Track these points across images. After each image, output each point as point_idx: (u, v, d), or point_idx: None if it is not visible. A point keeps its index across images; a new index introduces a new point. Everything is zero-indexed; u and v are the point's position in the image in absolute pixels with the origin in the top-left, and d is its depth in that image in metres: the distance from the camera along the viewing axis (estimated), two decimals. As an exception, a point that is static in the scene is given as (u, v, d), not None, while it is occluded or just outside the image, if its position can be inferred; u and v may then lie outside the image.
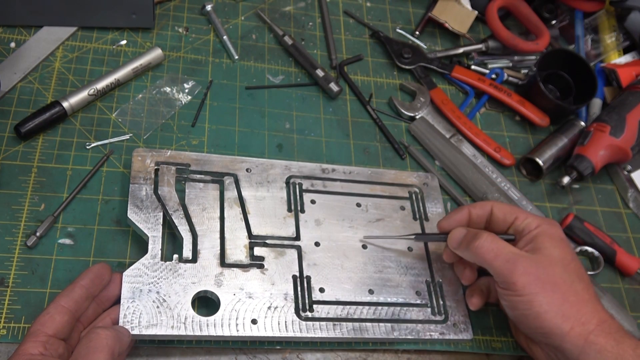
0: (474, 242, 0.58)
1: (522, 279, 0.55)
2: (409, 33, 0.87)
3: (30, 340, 0.48)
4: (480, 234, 0.58)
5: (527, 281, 0.55)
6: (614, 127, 0.75)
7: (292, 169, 0.68)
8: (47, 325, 0.49)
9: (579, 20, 0.89)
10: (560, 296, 0.55)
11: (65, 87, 0.70)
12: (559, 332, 0.54)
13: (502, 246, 0.57)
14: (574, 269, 0.57)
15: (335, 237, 0.64)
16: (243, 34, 0.81)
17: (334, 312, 0.60)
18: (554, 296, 0.55)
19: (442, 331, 0.62)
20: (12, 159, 0.64)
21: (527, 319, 0.56)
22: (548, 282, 0.55)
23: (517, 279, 0.55)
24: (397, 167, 0.75)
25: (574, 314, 0.54)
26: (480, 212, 0.62)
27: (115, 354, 0.49)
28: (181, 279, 0.57)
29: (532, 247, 0.58)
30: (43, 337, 0.49)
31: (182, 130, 0.71)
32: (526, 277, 0.55)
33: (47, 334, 0.49)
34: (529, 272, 0.56)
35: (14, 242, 0.60)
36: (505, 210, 0.61)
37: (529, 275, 0.55)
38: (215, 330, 0.55)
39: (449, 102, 0.80)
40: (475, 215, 0.62)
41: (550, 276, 0.56)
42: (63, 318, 0.50)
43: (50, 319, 0.50)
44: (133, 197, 0.60)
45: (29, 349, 0.48)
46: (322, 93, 0.79)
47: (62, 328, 0.50)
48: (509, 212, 0.61)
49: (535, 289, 0.55)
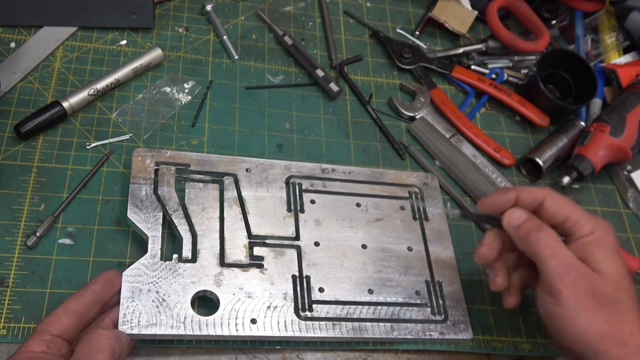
0: (537, 233, 0.54)
1: (569, 290, 0.51)
2: (409, 33, 0.87)
3: (34, 339, 0.48)
4: (545, 227, 0.54)
5: (573, 293, 0.51)
6: (614, 127, 0.75)
7: (292, 169, 0.68)
8: (53, 325, 0.49)
9: (579, 20, 0.89)
10: (604, 316, 0.51)
11: (65, 87, 0.70)
12: (594, 352, 0.51)
13: (563, 248, 0.53)
14: (624, 287, 0.52)
15: (335, 237, 0.64)
16: (243, 34, 0.81)
17: (333, 312, 0.60)
18: (597, 316, 0.51)
19: (441, 331, 0.62)
20: (12, 159, 0.64)
21: (564, 334, 0.53)
22: (594, 300, 0.51)
23: (564, 288, 0.51)
24: (397, 167, 0.75)
25: (614, 334, 0.51)
26: (530, 200, 0.56)
27: (115, 355, 0.49)
28: (181, 279, 0.57)
29: (583, 256, 0.53)
30: (47, 337, 0.49)
31: (182, 130, 0.71)
32: (574, 288, 0.51)
33: (52, 334, 0.49)
34: (578, 284, 0.51)
35: (14, 242, 0.60)
36: (559, 206, 0.55)
37: (577, 287, 0.51)
38: (214, 330, 0.55)
39: (449, 102, 0.80)
40: (523, 202, 0.56)
41: (599, 294, 0.51)
42: (70, 320, 0.50)
43: (57, 319, 0.50)
44: (133, 197, 0.60)
45: (32, 347, 0.48)
46: (322, 93, 0.79)
47: (67, 329, 0.50)
48: (562, 208, 0.55)
49: (580, 305, 0.51)
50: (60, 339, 0.49)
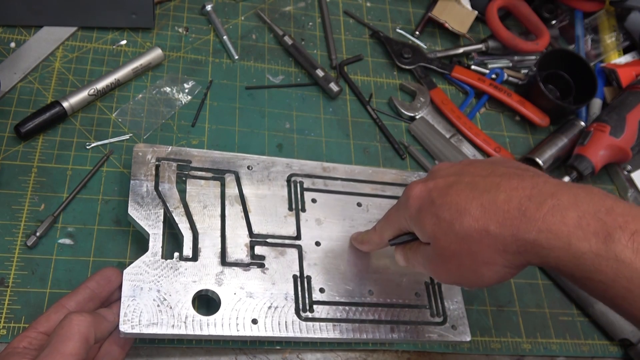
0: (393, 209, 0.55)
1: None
2: (409, 33, 0.87)
3: (20, 335, 0.49)
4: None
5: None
6: (614, 127, 0.75)
7: (294, 166, 0.68)
8: (40, 322, 0.50)
9: (579, 20, 0.89)
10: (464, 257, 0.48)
11: (65, 87, 0.70)
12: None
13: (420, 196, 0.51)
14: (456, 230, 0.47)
15: (336, 237, 0.64)
16: (243, 34, 0.81)
17: (333, 313, 0.60)
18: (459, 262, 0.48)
19: (440, 333, 0.62)
20: (12, 159, 0.64)
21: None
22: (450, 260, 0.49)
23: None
24: (397, 167, 0.75)
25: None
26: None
27: (90, 340, 0.46)
28: (182, 278, 0.56)
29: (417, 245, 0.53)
30: (33, 333, 0.49)
31: (182, 130, 0.71)
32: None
33: (37, 331, 0.49)
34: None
35: (14, 242, 0.60)
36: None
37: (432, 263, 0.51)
38: (215, 329, 0.55)
39: (449, 102, 0.80)
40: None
41: (445, 256, 0.49)
42: (58, 317, 0.50)
43: (45, 317, 0.50)
44: (134, 193, 0.60)
45: (15, 343, 0.48)
46: (322, 93, 0.79)
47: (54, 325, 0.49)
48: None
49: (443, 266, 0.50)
50: (45, 335, 0.49)
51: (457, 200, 0.46)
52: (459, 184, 0.48)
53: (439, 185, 0.49)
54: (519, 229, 0.43)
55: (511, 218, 0.44)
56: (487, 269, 0.46)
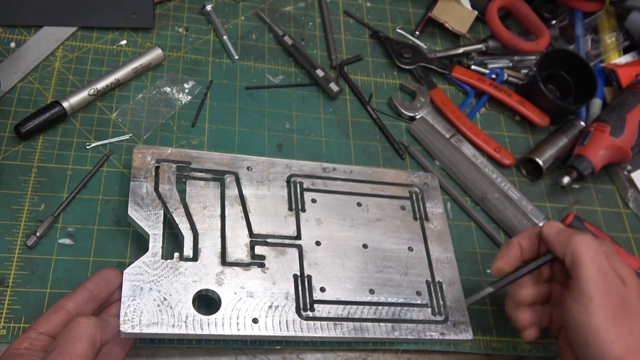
0: (579, 236, 0.54)
1: (601, 299, 0.51)
2: (409, 33, 0.87)
3: (20, 337, 0.49)
4: (585, 232, 0.55)
5: (604, 303, 0.51)
6: (614, 127, 0.75)
7: (293, 167, 0.68)
8: (40, 323, 0.50)
9: (579, 20, 0.89)
10: (629, 328, 0.51)
11: (65, 87, 0.70)
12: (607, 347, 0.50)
13: (602, 254, 0.53)
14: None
15: (336, 237, 0.64)
16: (243, 34, 0.81)
17: (334, 312, 0.60)
18: (624, 328, 0.51)
19: (442, 331, 0.62)
20: (12, 159, 0.64)
21: (587, 346, 0.51)
22: (623, 311, 0.51)
23: (597, 296, 0.51)
24: (397, 167, 0.75)
25: (636, 347, 0.50)
26: (531, 237, 0.59)
27: (96, 343, 0.47)
28: (182, 278, 0.56)
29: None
30: (33, 334, 0.49)
31: (182, 130, 0.71)
32: (606, 298, 0.51)
33: (38, 332, 0.49)
34: (611, 293, 0.51)
35: (14, 242, 0.60)
36: (558, 228, 0.57)
37: (609, 297, 0.51)
38: (216, 329, 0.55)
39: (449, 102, 0.80)
40: (526, 244, 0.59)
41: (627, 305, 0.52)
42: (58, 317, 0.50)
43: (45, 317, 0.50)
44: (133, 194, 0.60)
45: (16, 344, 0.48)
46: (322, 93, 0.79)
47: (55, 326, 0.50)
48: (563, 231, 0.56)
49: (610, 315, 0.51)
50: (46, 335, 0.49)
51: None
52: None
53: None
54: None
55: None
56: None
